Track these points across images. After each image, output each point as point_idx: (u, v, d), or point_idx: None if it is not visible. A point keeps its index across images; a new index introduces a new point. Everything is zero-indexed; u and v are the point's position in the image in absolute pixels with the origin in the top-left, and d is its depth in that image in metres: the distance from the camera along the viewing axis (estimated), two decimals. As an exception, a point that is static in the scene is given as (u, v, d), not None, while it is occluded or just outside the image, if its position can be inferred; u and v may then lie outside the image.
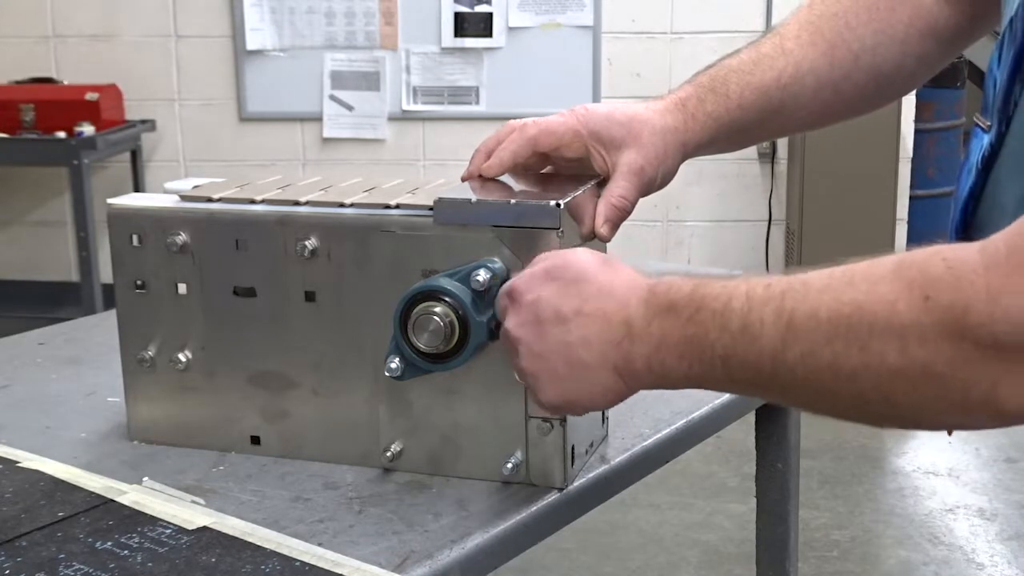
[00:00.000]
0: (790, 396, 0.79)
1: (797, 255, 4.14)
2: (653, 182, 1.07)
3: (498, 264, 0.97)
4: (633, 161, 1.05)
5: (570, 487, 1.02)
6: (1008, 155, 0.89)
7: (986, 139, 0.91)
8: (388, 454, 1.04)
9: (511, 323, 0.90)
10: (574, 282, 0.87)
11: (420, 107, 4.31)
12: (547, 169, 1.11)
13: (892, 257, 0.73)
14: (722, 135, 1.10)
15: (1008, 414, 0.68)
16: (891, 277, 0.71)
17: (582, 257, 0.89)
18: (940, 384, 0.69)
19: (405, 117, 4.32)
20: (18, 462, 1.07)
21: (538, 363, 0.88)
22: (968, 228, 0.95)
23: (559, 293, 0.87)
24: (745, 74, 1.09)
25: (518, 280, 0.91)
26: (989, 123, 0.91)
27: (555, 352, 0.87)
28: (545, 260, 0.91)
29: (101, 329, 1.44)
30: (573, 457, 1.03)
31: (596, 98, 4.20)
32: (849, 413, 0.77)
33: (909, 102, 4.20)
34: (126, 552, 0.90)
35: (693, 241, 4.40)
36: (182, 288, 1.08)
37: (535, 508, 0.99)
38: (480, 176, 1.07)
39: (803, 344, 0.74)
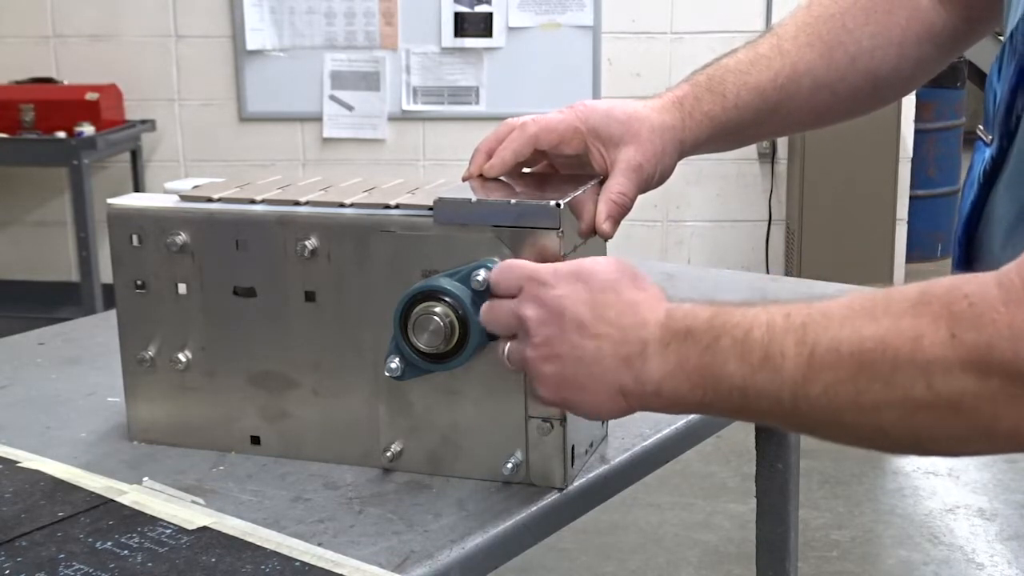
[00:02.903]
0: (808, 427, 0.79)
1: (797, 255, 4.14)
2: (651, 179, 1.07)
3: (498, 264, 0.97)
4: (632, 158, 1.05)
5: (570, 487, 1.02)
6: (1010, 170, 0.89)
7: (987, 153, 0.91)
8: (388, 454, 1.04)
9: (530, 312, 0.88)
10: (601, 291, 0.87)
11: (420, 107, 4.31)
12: (542, 165, 1.11)
13: (913, 289, 0.73)
14: (719, 134, 1.10)
15: None
16: (914, 312, 0.71)
17: (612, 267, 0.89)
18: (967, 418, 0.70)
19: (405, 117, 4.32)
20: (18, 462, 1.07)
21: (549, 363, 0.88)
22: (971, 242, 0.95)
23: (585, 299, 0.87)
24: (742, 74, 1.10)
25: (544, 269, 0.90)
26: (991, 136, 0.91)
27: (568, 357, 0.87)
28: (576, 261, 0.91)
29: (101, 329, 1.44)
30: (573, 457, 1.03)
31: (596, 98, 4.19)
32: (869, 444, 0.78)
33: (909, 102, 4.20)
34: (126, 552, 0.90)
35: (693, 241, 4.40)
36: (182, 288, 1.08)
37: (535, 508, 0.99)
38: (480, 176, 1.07)
39: (826, 378, 0.74)
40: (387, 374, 0.99)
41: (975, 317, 0.68)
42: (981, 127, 0.94)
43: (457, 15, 4.21)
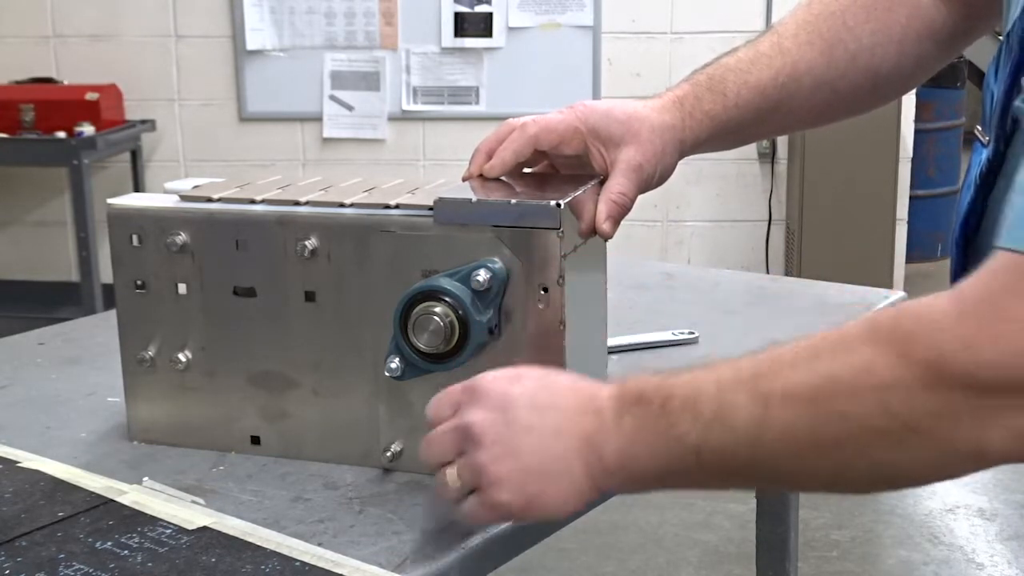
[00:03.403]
0: (768, 478, 0.78)
1: (797, 255, 4.14)
2: (651, 179, 1.07)
3: (498, 264, 0.97)
4: (632, 158, 1.05)
5: (570, 487, 1.02)
6: (1006, 173, 0.89)
7: (984, 154, 0.91)
8: (388, 454, 1.04)
9: (475, 417, 0.84)
10: (544, 377, 0.86)
11: (420, 107, 4.31)
12: (542, 166, 1.11)
13: (861, 323, 0.72)
14: (719, 133, 1.10)
15: (993, 457, 0.68)
16: (862, 342, 0.71)
17: (543, 369, 0.88)
18: (927, 437, 0.69)
19: (405, 117, 4.32)
20: (18, 462, 1.07)
21: (507, 460, 0.83)
22: (968, 245, 0.95)
23: (531, 388, 0.85)
24: (742, 73, 1.10)
25: (481, 377, 0.87)
26: (987, 138, 0.91)
27: (526, 445, 0.82)
28: (510, 368, 0.88)
29: (101, 329, 1.44)
30: (573, 457, 1.02)
31: (596, 98, 4.19)
32: (832, 485, 0.77)
33: (909, 102, 4.20)
34: (126, 552, 0.90)
35: (693, 241, 4.40)
36: (182, 288, 1.08)
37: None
38: (480, 176, 1.07)
39: (781, 423, 0.73)
40: (387, 374, 0.99)
41: (926, 333, 0.68)
42: (979, 127, 0.94)
43: (457, 15, 4.21)
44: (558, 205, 0.96)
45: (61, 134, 4.03)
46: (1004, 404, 0.66)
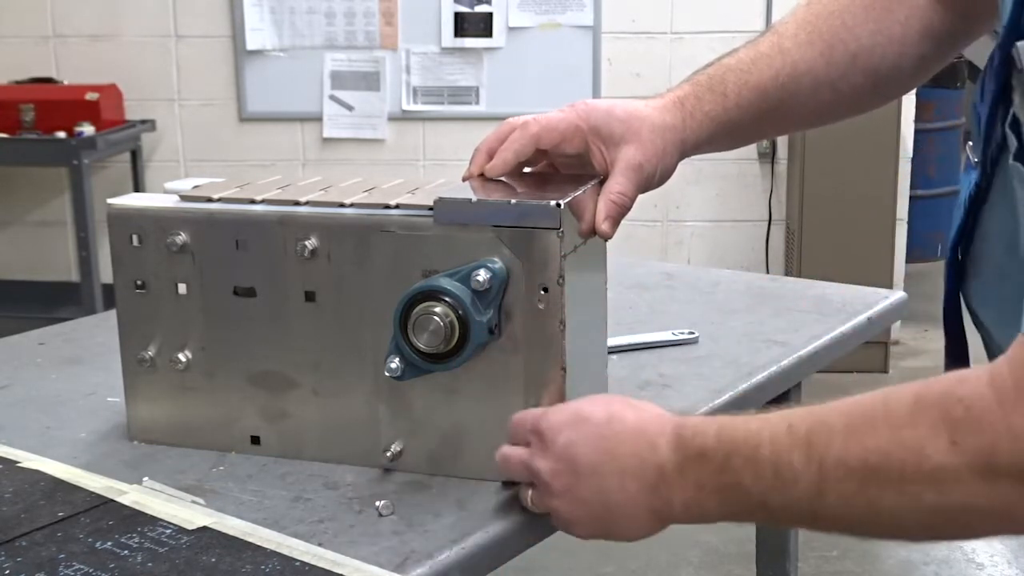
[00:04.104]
0: (835, 531, 0.82)
1: (797, 255, 4.14)
2: (651, 179, 1.07)
3: (498, 264, 0.97)
4: (632, 157, 1.05)
5: (570, 487, 1.02)
6: (995, 199, 0.89)
7: (973, 176, 0.91)
8: (388, 454, 1.04)
9: (542, 465, 0.90)
10: (607, 423, 0.89)
11: (420, 107, 4.30)
12: (542, 165, 1.11)
13: (908, 394, 0.74)
14: (720, 134, 1.10)
15: None
16: (912, 421, 0.73)
17: (606, 401, 0.92)
18: (983, 516, 0.72)
19: (405, 117, 4.32)
20: (18, 462, 1.07)
21: (577, 507, 0.90)
22: (961, 267, 0.96)
23: (591, 435, 0.89)
24: (743, 73, 1.10)
25: (546, 419, 0.92)
26: (976, 159, 0.91)
27: (593, 499, 0.88)
28: (573, 404, 0.93)
29: (101, 329, 1.44)
30: (573, 457, 1.02)
31: (596, 98, 4.19)
32: (895, 539, 0.81)
33: (909, 102, 4.20)
34: (126, 552, 0.90)
35: (693, 241, 4.40)
36: (182, 288, 1.08)
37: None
38: (481, 176, 1.07)
39: (838, 490, 0.76)
40: (387, 374, 0.99)
41: (973, 421, 0.70)
42: (970, 144, 0.94)
43: (457, 15, 4.21)
44: (558, 205, 0.96)
45: (61, 134, 4.03)
46: None
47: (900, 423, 0.73)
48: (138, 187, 4.31)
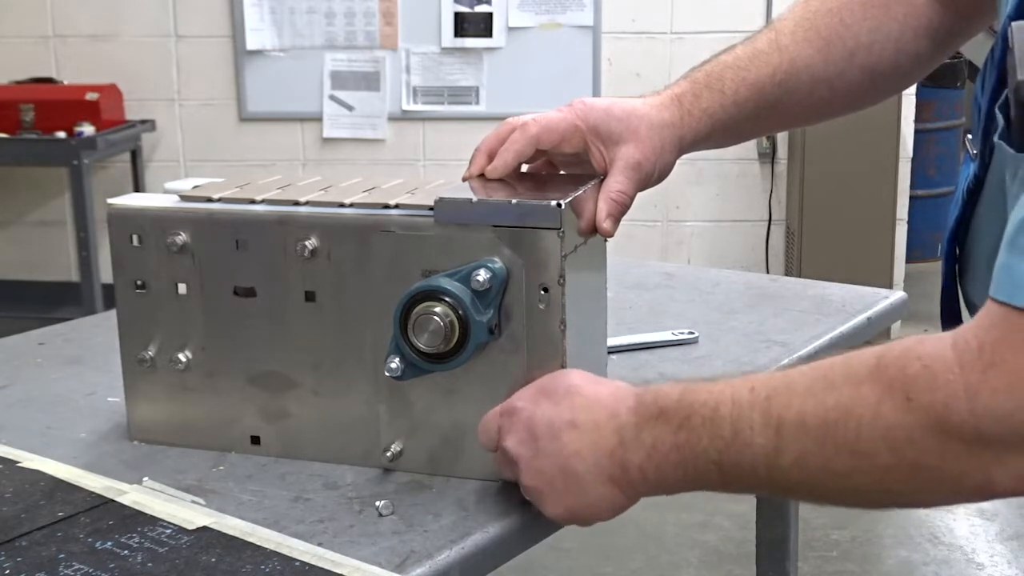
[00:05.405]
0: (788, 494, 0.83)
1: (797, 255, 4.14)
2: (650, 177, 1.07)
3: (498, 264, 0.97)
4: (631, 155, 1.05)
5: (570, 487, 1.02)
6: (990, 187, 0.89)
7: (972, 168, 0.91)
8: (388, 454, 1.04)
9: (510, 441, 0.92)
10: (566, 395, 0.91)
11: (420, 107, 4.31)
12: (542, 164, 1.11)
13: (869, 354, 0.75)
14: (718, 131, 1.10)
15: (999, 493, 0.72)
16: (871, 378, 0.73)
17: (571, 373, 0.93)
18: (934, 476, 0.72)
19: (405, 117, 4.32)
20: (18, 462, 1.07)
21: (538, 478, 0.90)
22: (957, 259, 0.96)
23: (551, 408, 0.90)
24: (740, 70, 1.10)
25: (513, 399, 0.94)
26: (975, 151, 0.91)
27: (552, 465, 0.89)
28: (538, 380, 0.94)
29: (101, 329, 1.44)
30: (573, 457, 1.02)
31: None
32: (847, 504, 0.81)
33: (909, 102, 4.20)
34: (126, 552, 0.90)
35: (693, 241, 4.40)
36: (182, 288, 1.08)
37: (535, 508, 0.99)
38: (481, 176, 1.07)
39: (795, 449, 0.76)
40: (387, 374, 0.99)
41: (930, 379, 0.70)
42: (970, 136, 0.94)
43: (457, 15, 4.21)
44: (558, 205, 0.96)
45: (61, 134, 4.03)
46: (1004, 450, 0.69)
47: (860, 380, 0.74)
48: (138, 187, 4.31)
